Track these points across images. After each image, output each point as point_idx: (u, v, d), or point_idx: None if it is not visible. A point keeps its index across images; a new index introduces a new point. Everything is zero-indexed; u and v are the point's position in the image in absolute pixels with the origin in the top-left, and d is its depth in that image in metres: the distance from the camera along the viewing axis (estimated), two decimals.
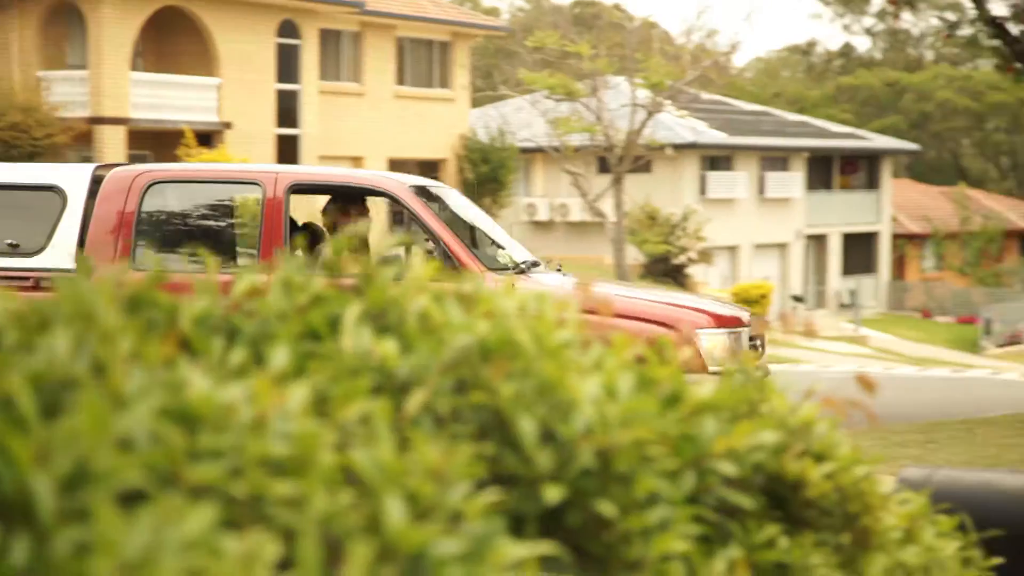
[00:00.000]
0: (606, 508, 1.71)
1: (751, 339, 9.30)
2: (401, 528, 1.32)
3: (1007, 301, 43.64)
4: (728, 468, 1.94)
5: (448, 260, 8.99)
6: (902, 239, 49.43)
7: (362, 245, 10.55)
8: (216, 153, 27.00)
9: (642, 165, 31.62)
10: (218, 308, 1.73)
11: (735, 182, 40.83)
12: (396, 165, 33.68)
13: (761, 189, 42.11)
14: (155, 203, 10.10)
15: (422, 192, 9.64)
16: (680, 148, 37.29)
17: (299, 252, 10.09)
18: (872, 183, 47.06)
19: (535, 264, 9.61)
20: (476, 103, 40.36)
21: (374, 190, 9.54)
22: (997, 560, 2.69)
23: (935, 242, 50.18)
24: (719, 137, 40.09)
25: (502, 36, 40.21)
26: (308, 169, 10.52)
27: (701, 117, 39.69)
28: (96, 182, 10.00)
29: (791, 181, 43.11)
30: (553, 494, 1.66)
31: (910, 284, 48.72)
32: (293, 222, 9.88)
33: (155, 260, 9.90)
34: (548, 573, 1.63)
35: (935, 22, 50.31)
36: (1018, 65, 13.91)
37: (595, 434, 1.72)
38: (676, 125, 36.38)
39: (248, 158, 23.66)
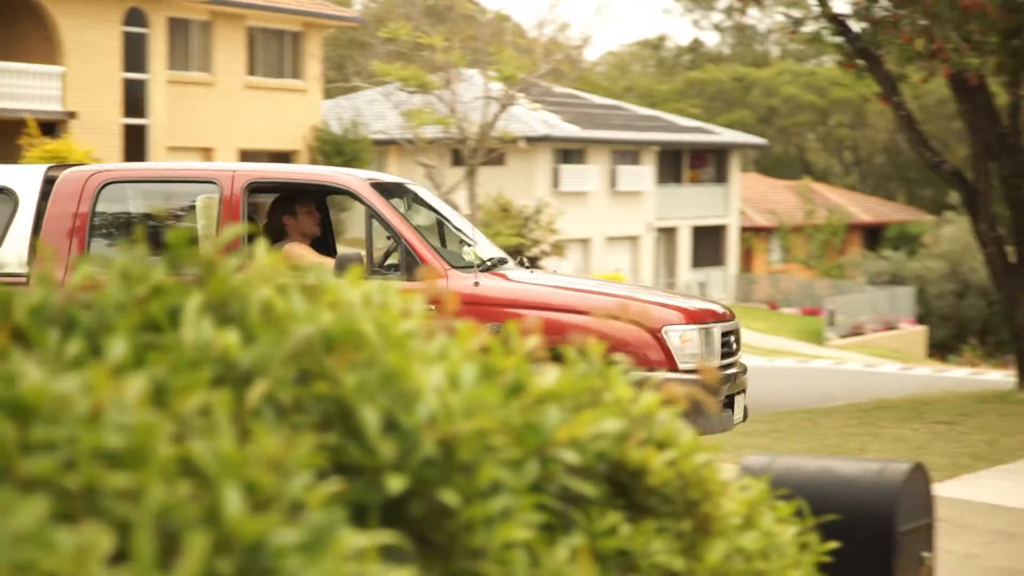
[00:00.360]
0: (449, 497, 1.71)
1: (725, 335, 9.05)
2: (239, 518, 1.32)
3: (850, 293, 44.72)
4: (571, 457, 1.97)
5: (410, 258, 8.79)
6: (749, 232, 50.35)
7: (318, 244, 10.14)
8: (61, 143, 26.41)
9: (495, 158, 31.72)
10: (54, 299, 1.70)
11: (587, 175, 41.18)
12: (247, 156, 33.30)
13: (613, 182, 42.53)
14: (110, 204, 9.80)
15: (382, 188, 9.39)
16: (533, 141, 37.47)
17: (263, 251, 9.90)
18: (721, 177, 47.82)
19: (503, 261, 9.44)
20: (329, 94, 40.07)
21: (333, 187, 9.31)
22: (833, 544, 2.76)
23: (781, 235, 51.19)
24: (572, 130, 40.40)
25: (355, 27, 39.98)
26: (266, 167, 10.18)
27: (554, 110, 39.94)
28: (49, 183, 9.70)
29: (642, 174, 43.61)
30: (396, 484, 1.66)
31: (757, 276, 49.64)
32: (253, 221, 9.58)
33: (91, 259, 9.55)
34: (390, 563, 1.63)
35: (780, 18, 51.24)
36: (860, 62, 14.26)
37: (438, 424, 1.73)
38: (529, 118, 36.55)
39: (93, 148, 23.24)
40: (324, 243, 10.23)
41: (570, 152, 41.39)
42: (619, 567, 2.11)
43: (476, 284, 8.54)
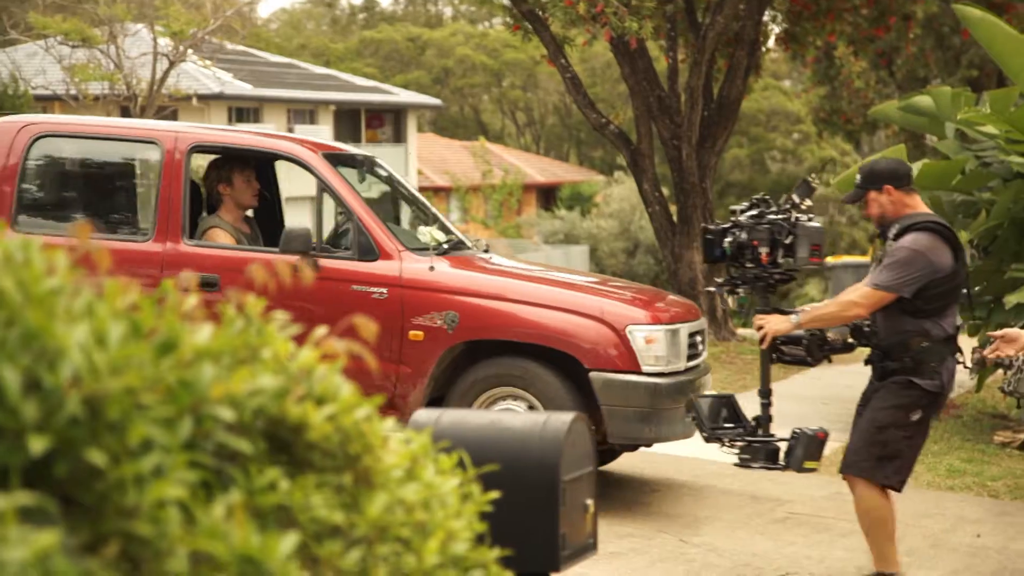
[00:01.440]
0: (96, 456, 1.68)
1: (691, 335, 8.56)
2: None
3: (527, 252, 45.74)
4: (226, 414, 1.95)
5: (362, 236, 8.22)
6: (428, 192, 50.79)
7: (264, 215, 9.36)
8: None
9: (168, 115, 30.94)
10: None
11: None
12: None
13: None
14: (41, 158, 8.95)
15: (337, 159, 8.77)
16: (206, 99, 36.73)
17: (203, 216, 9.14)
18: (398, 137, 48.04)
19: (461, 244, 8.89)
20: None
21: (281, 155, 8.67)
22: (495, 494, 2.82)
23: (459, 196, 51.87)
24: (245, 88, 39.79)
25: None
26: (212, 129, 9.33)
27: (227, 68, 39.20)
28: None
29: (319, 134, 43.26)
30: (38, 445, 1.61)
31: None
32: (194, 184, 8.79)
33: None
34: (33, 526, 1.58)
35: None
36: (526, 24, 14.54)
37: (83, 382, 1.69)
38: (201, 75, 35.78)
39: None
40: (270, 214, 9.59)
41: (245, 111, 40.77)
42: (279, 522, 2.11)
43: (431, 269, 7.96)
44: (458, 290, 8.15)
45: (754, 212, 6.93)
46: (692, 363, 8.53)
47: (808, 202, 6.96)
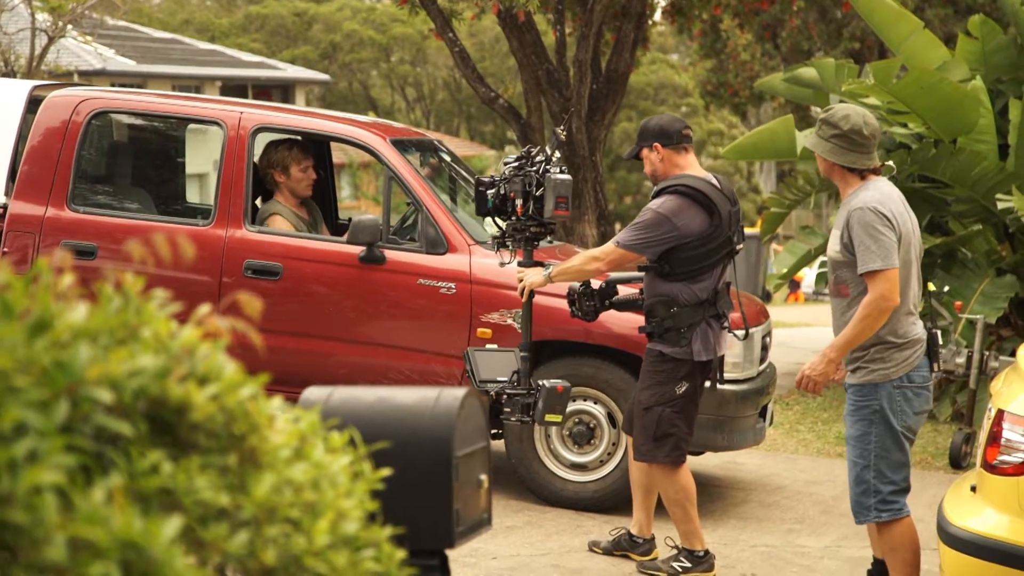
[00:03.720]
0: None
1: (763, 338, 8.24)
2: None
3: None
4: (104, 395, 1.89)
5: (430, 228, 7.84)
6: None
7: (320, 203, 8.91)
8: None
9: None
10: None
11: None
12: None
13: None
14: (99, 135, 8.52)
15: (404, 146, 8.34)
16: (87, 75, 36.00)
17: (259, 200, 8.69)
18: None
19: (538, 237, 8.47)
20: None
21: (348, 140, 8.21)
22: (386, 471, 2.78)
23: (351, 172, 51.54)
24: (128, 64, 39.11)
25: None
26: (277, 111, 8.74)
27: (108, 44, 38.46)
28: (34, 103, 8.35)
29: None
30: None
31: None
32: (256, 167, 8.33)
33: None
34: None
35: None
36: None
37: None
38: (82, 51, 35.07)
39: None
40: (324, 202, 9.18)
41: (128, 87, 40.09)
42: (163, 506, 2.05)
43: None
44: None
45: (516, 165, 6.84)
46: (762, 367, 8.29)
47: (558, 154, 6.93)
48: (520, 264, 6.92)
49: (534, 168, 6.75)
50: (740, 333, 7.19)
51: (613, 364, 7.89)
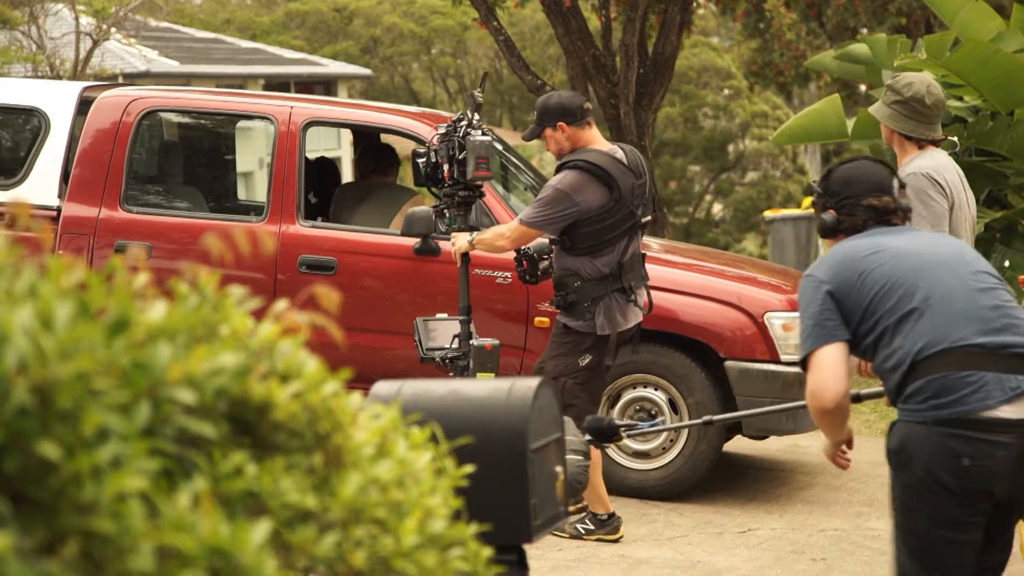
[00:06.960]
0: (48, 449, 1.53)
1: None
2: None
3: None
4: (186, 396, 1.80)
5: (484, 219, 7.75)
6: None
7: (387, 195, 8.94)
8: None
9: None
10: None
11: None
12: None
13: None
14: (151, 134, 8.57)
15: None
16: (132, 77, 36.15)
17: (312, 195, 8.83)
18: None
19: None
20: None
21: (398, 131, 8.32)
22: (469, 468, 2.69)
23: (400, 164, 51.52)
24: (172, 65, 39.22)
25: None
26: (327, 104, 8.84)
27: (152, 45, 38.60)
28: (85, 105, 8.39)
29: None
30: None
31: None
32: (308, 162, 8.41)
33: None
34: None
35: None
36: None
37: (31, 369, 1.54)
38: (126, 54, 35.19)
39: None
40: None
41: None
42: (248, 509, 1.96)
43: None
44: None
45: (443, 132, 6.89)
46: None
47: (478, 116, 6.90)
48: (453, 229, 6.98)
49: (458, 133, 6.78)
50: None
51: (673, 349, 7.79)
